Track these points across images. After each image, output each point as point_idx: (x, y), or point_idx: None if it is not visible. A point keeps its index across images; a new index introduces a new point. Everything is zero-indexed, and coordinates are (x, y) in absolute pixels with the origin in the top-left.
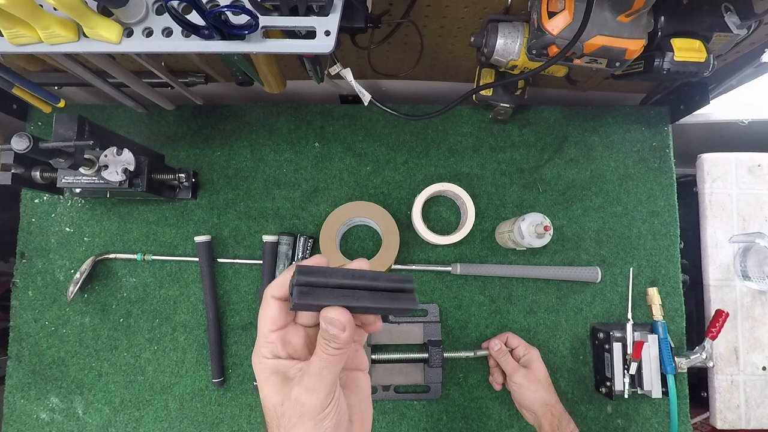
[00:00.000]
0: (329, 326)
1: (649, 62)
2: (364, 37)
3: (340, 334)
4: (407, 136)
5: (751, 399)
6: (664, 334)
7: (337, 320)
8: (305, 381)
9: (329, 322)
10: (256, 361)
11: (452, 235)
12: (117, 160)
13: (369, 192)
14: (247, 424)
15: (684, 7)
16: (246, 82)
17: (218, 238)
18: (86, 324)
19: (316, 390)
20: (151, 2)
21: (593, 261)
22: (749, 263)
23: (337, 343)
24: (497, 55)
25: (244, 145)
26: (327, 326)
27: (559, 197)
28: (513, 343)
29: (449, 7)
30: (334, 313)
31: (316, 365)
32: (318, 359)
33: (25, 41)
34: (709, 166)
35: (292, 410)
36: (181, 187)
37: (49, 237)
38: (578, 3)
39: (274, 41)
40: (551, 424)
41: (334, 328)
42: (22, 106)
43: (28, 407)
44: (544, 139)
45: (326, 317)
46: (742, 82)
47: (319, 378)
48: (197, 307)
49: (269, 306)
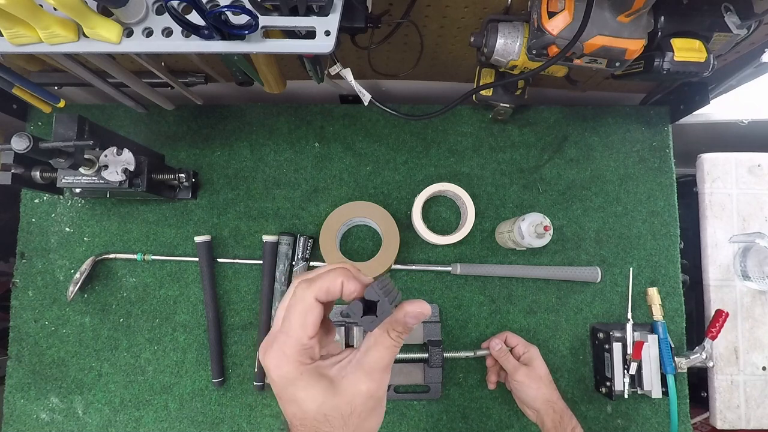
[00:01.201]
0: (413, 320)
1: (649, 62)
2: (364, 37)
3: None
4: (407, 136)
5: (751, 399)
6: (664, 334)
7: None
8: (376, 376)
9: (415, 316)
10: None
11: (452, 235)
12: (117, 160)
13: (369, 192)
14: (247, 424)
15: (684, 7)
16: (246, 82)
17: (218, 238)
18: (86, 324)
19: (384, 379)
20: (151, 2)
21: (593, 261)
22: (749, 263)
23: (406, 333)
24: (497, 55)
25: (244, 145)
26: (410, 319)
27: (559, 197)
28: (512, 342)
29: (449, 7)
30: (420, 307)
31: (386, 357)
32: (389, 353)
33: (25, 41)
34: (709, 166)
35: (363, 406)
36: (181, 187)
37: (49, 237)
38: (578, 3)
39: (274, 41)
40: (553, 420)
41: (416, 320)
42: (22, 106)
43: (28, 407)
44: (544, 139)
45: (413, 312)
46: (742, 82)
47: (387, 370)
48: (197, 307)
49: (313, 310)
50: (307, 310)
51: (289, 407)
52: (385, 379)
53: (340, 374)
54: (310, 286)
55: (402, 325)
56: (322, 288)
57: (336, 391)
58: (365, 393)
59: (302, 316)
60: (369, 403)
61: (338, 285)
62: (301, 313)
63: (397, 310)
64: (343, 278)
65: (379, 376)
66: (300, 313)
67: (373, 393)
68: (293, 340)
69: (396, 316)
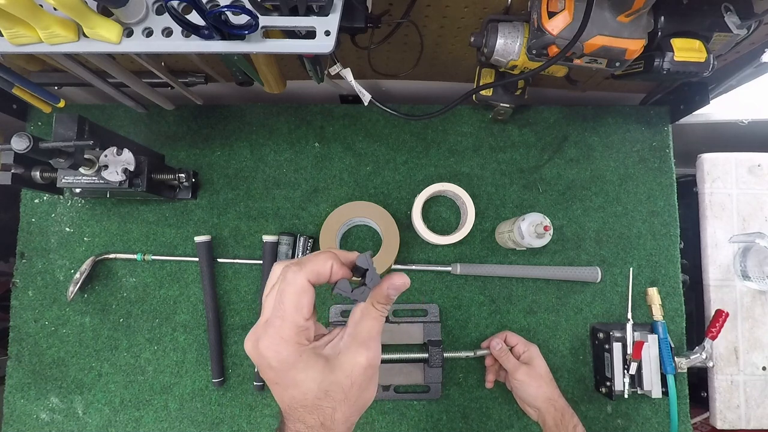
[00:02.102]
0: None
1: (649, 62)
2: (364, 37)
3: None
4: (407, 136)
5: (751, 399)
6: (664, 334)
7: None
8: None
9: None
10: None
11: (452, 235)
12: (117, 160)
13: (369, 192)
14: (247, 424)
15: (684, 7)
16: (246, 82)
17: (218, 238)
18: (86, 324)
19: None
20: (151, 2)
21: (593, 261)
22: (749, 263)
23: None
24: (497, 55)
25: (244, 145)
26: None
27: (559, 197)
28: (512, 341)
29: (449, 7)
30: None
31: (376, 327)
32: (377, 322)
33: (25, 41)
34: (709, 166)
35: (362, 376)
36: (181, 187)
37: (49, 237)
38: (578, 3)
39: (274, 41)
40: (554, 418)
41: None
42: (22, 106)
43: (28, 407)
44: (544, 139)
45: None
46: (742, 82)
47: (378, 339)
48: (197, 307)
49: (307, 293)
50: (301, 292)
51: (288, 392)
52: (378, 348)
53: (334, 351)
54: (301, 270)
55: (385, 297)
56: (313, 271)
57: (333, 368)
58: (364, 363)
59: (297, 298)
60: (368, 373)
61: (328, 267)
62: (296, 296)
63: (380, 284)
64: (332, 261)
65: (374, 345)
66: (294, 296)
67: (371, 361)
68: (289, 323)
69: (380, 288)
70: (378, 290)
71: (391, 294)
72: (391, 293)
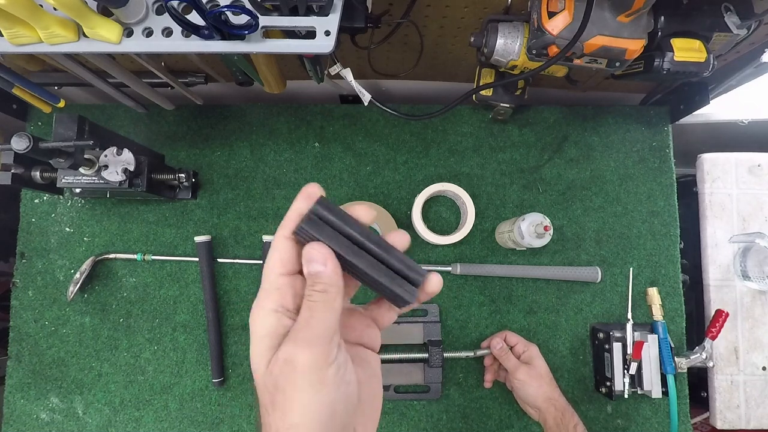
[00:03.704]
0: (310, 264)
1: (649, 62)
2: (364, 37)
3: (323, 270)
4: (407, 136)
5: (751, 399)
6: (664, 334)
7: (317, 253)
8: (292, 335)
9: (310, 258)
10: (253, 312)
11: (452, 235)
12: (117, 160)
13: (369, 192)
14: (247, 424)
15: (684, 7)
16: (246, 82)
17: (218, 238)
18: (86, 324)
19: (309, 344)
20: (151, 2)
21: (593, 261)
22: (749, 263)
23: (321, 284)
24: (497, 55)
25: (244, 145)
26: (308, 264)
27: (559, 197)
28: (512, 341)
29: (449, 7)
30: (314, 248)
31: (303, 315)
32: (305, 309)
33: (25, 41)
34: (709, 166)
35: (281, 376)
36: (181, 187)
37: (49, 237)
38: (578, 3)
39: (274, 41)
40: (555, 418)
41: (315, 264)
42: (22, 106)
43: (28, 407)
44: (544, 139)
45: (306, 254)
46: (742, 82)
47: (307, 328)
48: (197, 307)
49: (279, 246)
50: (274, 248)
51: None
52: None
53: None
54: (280, 229)
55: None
56: (288, 224)
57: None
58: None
59: (271, 254)
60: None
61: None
62: (270, 253)
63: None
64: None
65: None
66: (271, 254)
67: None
68: (264, 284)
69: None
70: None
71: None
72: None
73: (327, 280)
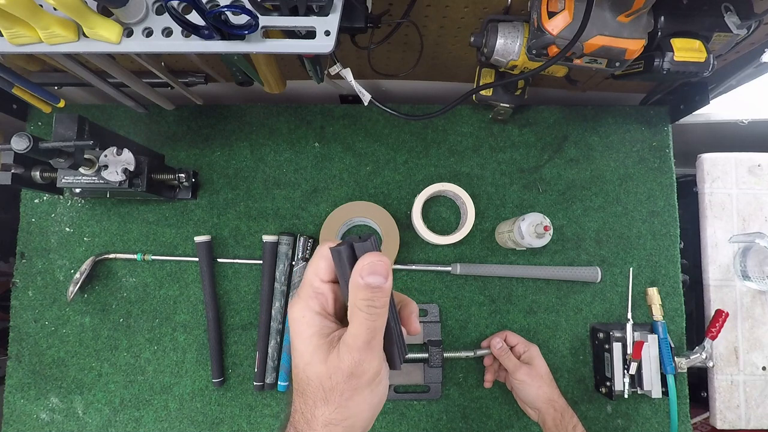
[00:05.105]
0: (373, 276)
1: (649, 62)
2: (364, 37)
3: (385, 284)
4: (407, 136)
5: (751, 399)
6: (664, 334)
7: (383, 267)
8: (354, 343)
9: (373, 271)
10: (299, 313)
11: (452, 235)
12: (117, 160)
13: (369, 192)
14: (247, 424)
15: (684, 7)
16: (246, 82)
17: (218, 238)
18: (86, 324)
19: (373, 352)
20: (151, 2)
21: (593, 261)
22: (749, 263)
23: (383, 297)
24: (497, 55)
25: (244, 145)
26: (370, 276)
27: (559, 197)
28: (512, 341)
29: (449, 7)
30: (380, 261)
31: (363, 336)
32: (364, 329)
33: (25, 41)
34: (709, 166)
35: (345, 385)
36: (181, 187)
37: (49, 237)
38: (578, 3)
39: (274, 41)
40: (554, 419)
41: (378, 277)
42: (22, 106)
43: (28, 407)
44: (544, 139)
45: (372, 266)
46: (742, 82)
47: (369, 350)
48: (197, 307)
49: (324, 255)
50: (320, 257)
51: (293, 361)
52: (366, 358)
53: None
54: (326, 242)
55: (362, 289)
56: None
57: (324, 358)
58: (345, 370)
59: (316, 262)
60: (351, 382)
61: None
62: (315, 260)
63: (353, 271)
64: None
65: (357, 354)
66: (314, 261)
67: (354, 371)
68: (307, 284)
69: (354, 279)
70: (353, 280)
71: (371, 282)
72: (370, 281)
73: (387, 294)
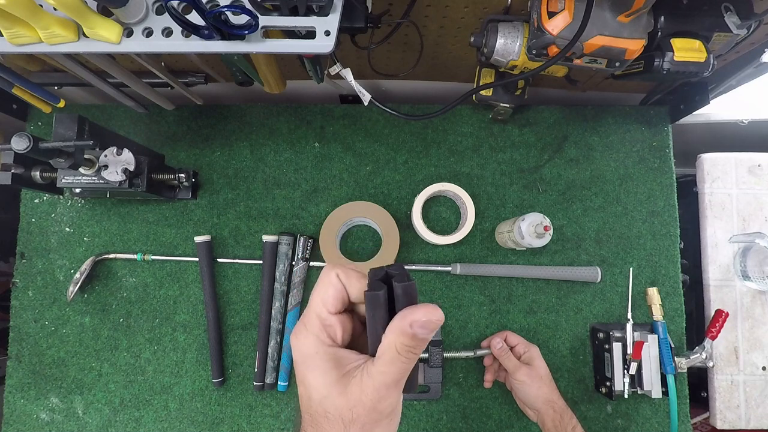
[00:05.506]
0: (425, 329)
1: (649, 62)
2: (364, 37)
3: (428, 337)
4: (407, 136)
5: (751, 399)
6: (664, 334)
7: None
8: (382, 391)
9: (427, 325)
10: (311, 349)
11: (452, 235)
12: (117, 160)
13: (369, 192)
14: (247, 424)
15: (684, 7)
16: (246, 82)
17: (218, 238)
18: (86, 324)
19: (398, 389)
20: (151, 2)
21: (593, 261)
22: (749, 263)
23: (422, 347)
24: (497, 55)
25: (244, 145)
26: (421, 329)
27: (559, 197)
28: (512, 341)
29: (449, 7)
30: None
31: (393, 376)
32: (396, 369)
33: (25, 41)
34: (709, 166)
35: (366, 417)
36: (181, 187)
37: (49, 237)
38: (578, 3)
39: (274, 41)
40: (553, 420)
41: (427, 332)
42: (22, 106)
43: (28, 407)
44: (544, 139)
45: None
46: (742, 82)
47: (396, 388)
48: (197, 307)
49: (333, 286)
50: (328, 284)
51: (299, 388)
52: (392, 395)
53: (353, 373)
54: (334, 267)
55: (409, 337)
56: (345, 270)
57: (343, 390)
58: (368, 404)
59: (323, 290)
60: (372, 415)
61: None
62: (323, 288)
63: (402, 316)
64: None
65: (384, 391)
66: (321, 289)
67: (376, 406)
68: (313, 314)
69: (401, 324)
70: (401, 325)
71: (418, 333)
72: (418, 332)
73: (427, 343)
